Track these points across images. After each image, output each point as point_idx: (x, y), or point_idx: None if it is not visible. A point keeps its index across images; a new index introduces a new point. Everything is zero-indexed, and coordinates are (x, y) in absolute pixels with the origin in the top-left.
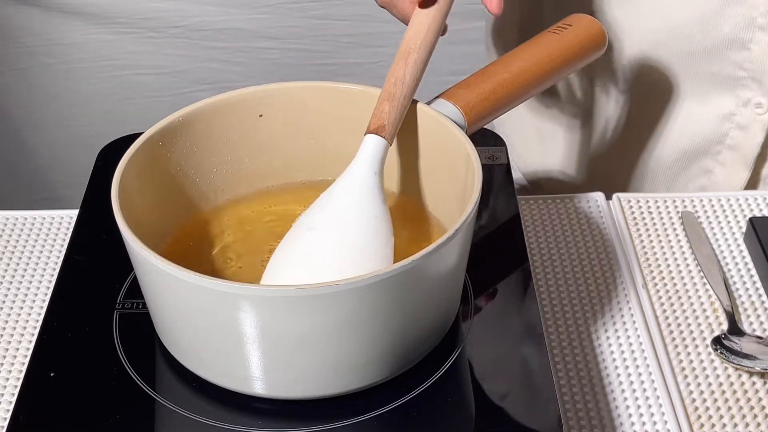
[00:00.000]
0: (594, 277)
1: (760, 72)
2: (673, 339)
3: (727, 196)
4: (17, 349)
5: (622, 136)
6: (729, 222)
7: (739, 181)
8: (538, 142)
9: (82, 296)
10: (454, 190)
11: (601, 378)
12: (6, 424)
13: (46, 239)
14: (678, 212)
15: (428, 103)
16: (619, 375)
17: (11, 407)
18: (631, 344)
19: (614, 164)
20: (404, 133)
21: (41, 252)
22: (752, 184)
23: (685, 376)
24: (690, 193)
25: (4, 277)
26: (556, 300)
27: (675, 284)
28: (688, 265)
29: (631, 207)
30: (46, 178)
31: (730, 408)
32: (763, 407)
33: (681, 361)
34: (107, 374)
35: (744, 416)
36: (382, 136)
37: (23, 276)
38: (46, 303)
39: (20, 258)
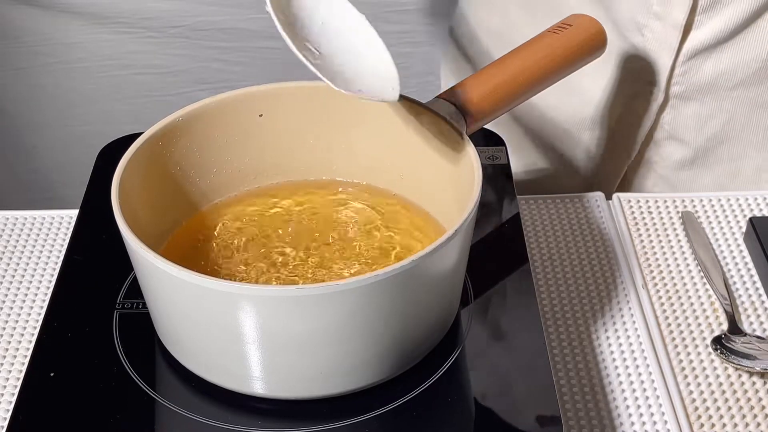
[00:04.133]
0: (594, 277)
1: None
2: (673, 339)
3: (727, 196)
4: (17, 349)
5: None
6: (729, 222)
7: (619, 169)
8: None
9: (82, 296)
10: (454, 190)
11: (601, 378)
12: (6, 424)
13: (46, 239)
14: (678, 212)
15: (428, 103)
16: (619, 375)
17: (11, 407)
18: (631, 344)
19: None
20: (404, 134)
21: (41, 252)
22: (631, 170)
23: (685, 376)
24: (690, 193)
25: (4, 277)
26: (556, 300)
27: (675, 284)
28: (688, 265)
29: (631, 207)
30: (46, 178)
31: (730, 408)
32: (763, 407)
33: (681, 361)
34: (107, 374)
35: (744, 416)
36: None
37: (23, 276)
38: (46, 303)
39: (20, 258)
